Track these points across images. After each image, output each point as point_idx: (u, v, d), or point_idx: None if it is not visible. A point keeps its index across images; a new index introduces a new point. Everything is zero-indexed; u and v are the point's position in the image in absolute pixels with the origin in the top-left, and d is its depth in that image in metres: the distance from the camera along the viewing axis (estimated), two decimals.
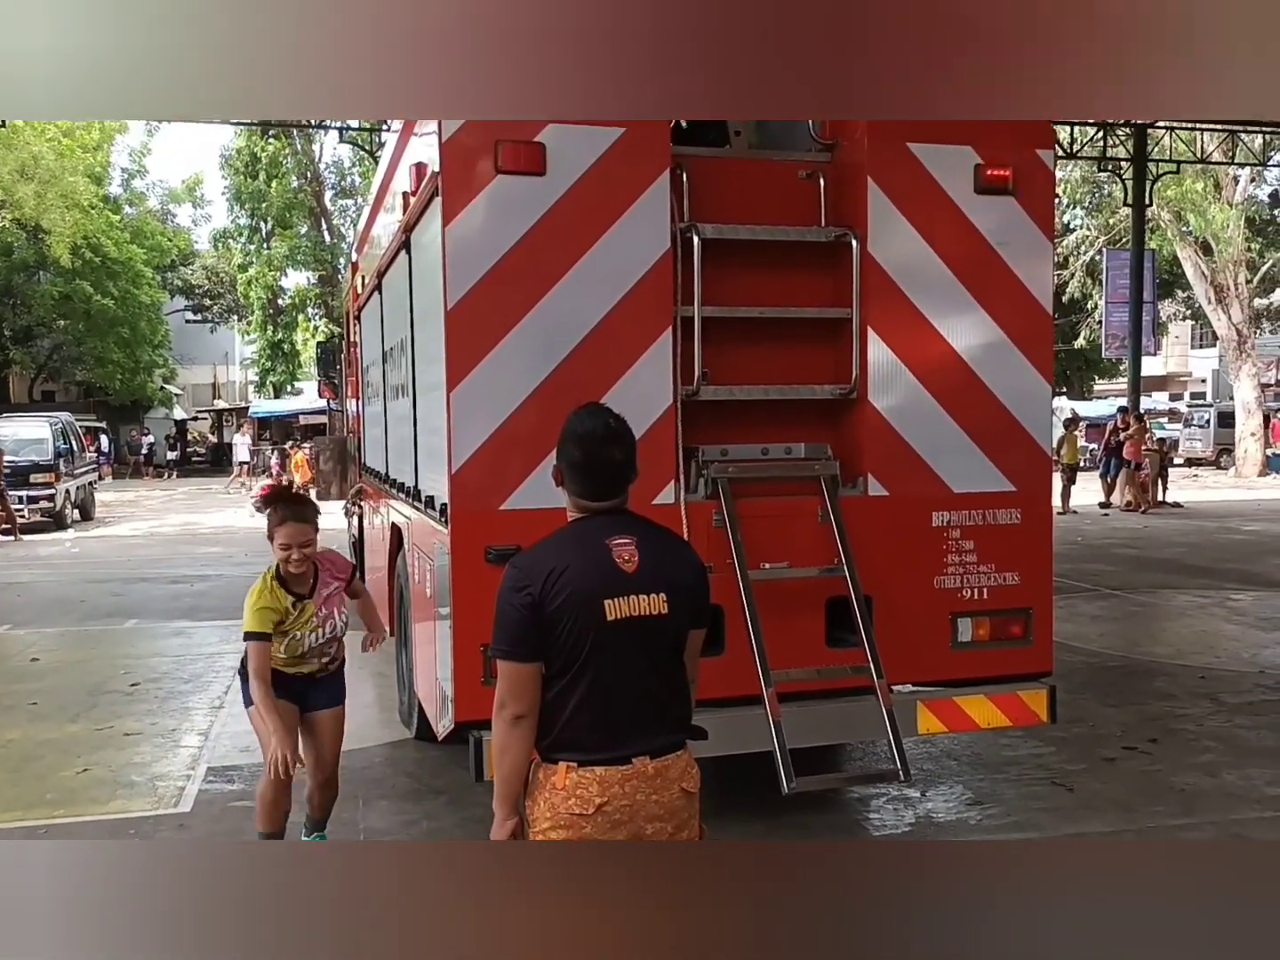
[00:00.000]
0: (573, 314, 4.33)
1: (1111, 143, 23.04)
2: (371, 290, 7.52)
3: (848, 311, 4.71)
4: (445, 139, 4.19)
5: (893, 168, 4.69)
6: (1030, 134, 4.88)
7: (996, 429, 4.86)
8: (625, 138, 4.37)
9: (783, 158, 4.99)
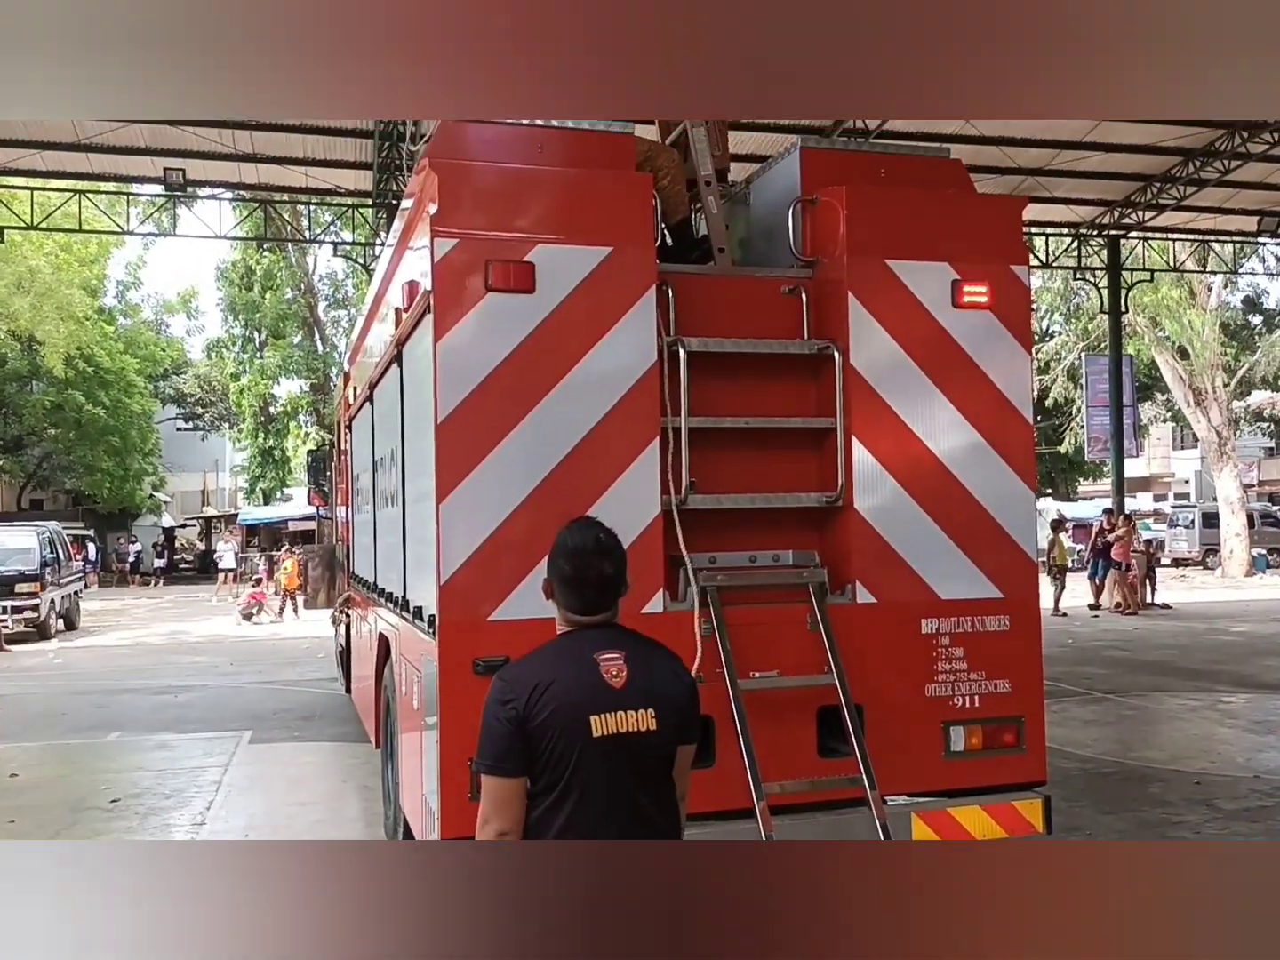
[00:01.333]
0: (561, 426, 4.40)
1: (1086, 252, 23.67)
2: (363, 400, 7.61)
3: (831, 421, 4.80)
4: (437, 259, 4.30)
5: (872, 283, 4.82)
6: (1005, 251, 5.05)
7: (981, 535, 4.91)
8: (612, 256, 4.50)
9: (765, 274, 5.13)
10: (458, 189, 4.41)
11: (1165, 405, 40.52)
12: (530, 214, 4.48)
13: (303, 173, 18.54)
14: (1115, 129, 18.47)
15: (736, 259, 5.51)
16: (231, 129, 16.83)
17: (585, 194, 4.58)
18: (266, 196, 21.04)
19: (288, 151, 17.96)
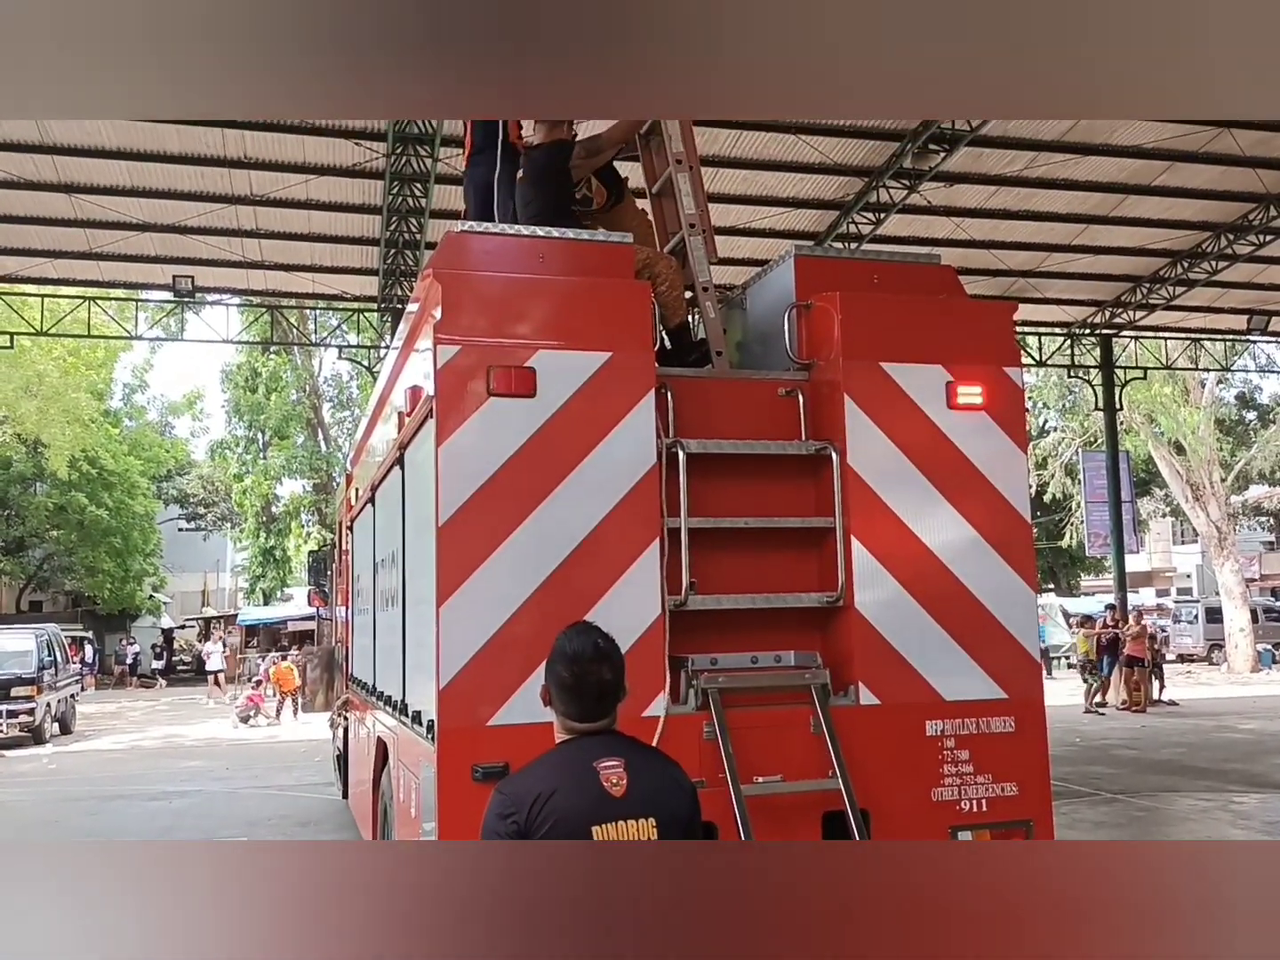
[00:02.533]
0: (561, 528, 4.42)
1: (1079, 351, 24.00)
2: (365, 502, 7.66)
3: (831, 520, 4.83)
4: (440, 365, 4.39)
5: (868, 385, 4.90)
6: (998, 353, 5.14)
7: (983, 634, 4.90)
8: (612, 361, 4.58)
9: (762, 377, 5.22)
10: (460, 297, 4.51)
11: (1164, 500, 40.64)
12: (532, 321, 4.58)
13: (310, 279, 18.92)
14: (1103, 232, 18.90)
15: (734, 362, 5.62)
16: (241, 237, 17.23)
17: (585, 301, 4.69)
18: (274, 302, 21.45)
19: (295, 258, 18.36)
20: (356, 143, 14.88)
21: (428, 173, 15.06)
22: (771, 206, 17.27)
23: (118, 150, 15.07)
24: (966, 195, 17.56)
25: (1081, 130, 15.92)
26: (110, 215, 16.31)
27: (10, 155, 14.91)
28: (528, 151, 6.25)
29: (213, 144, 14.94)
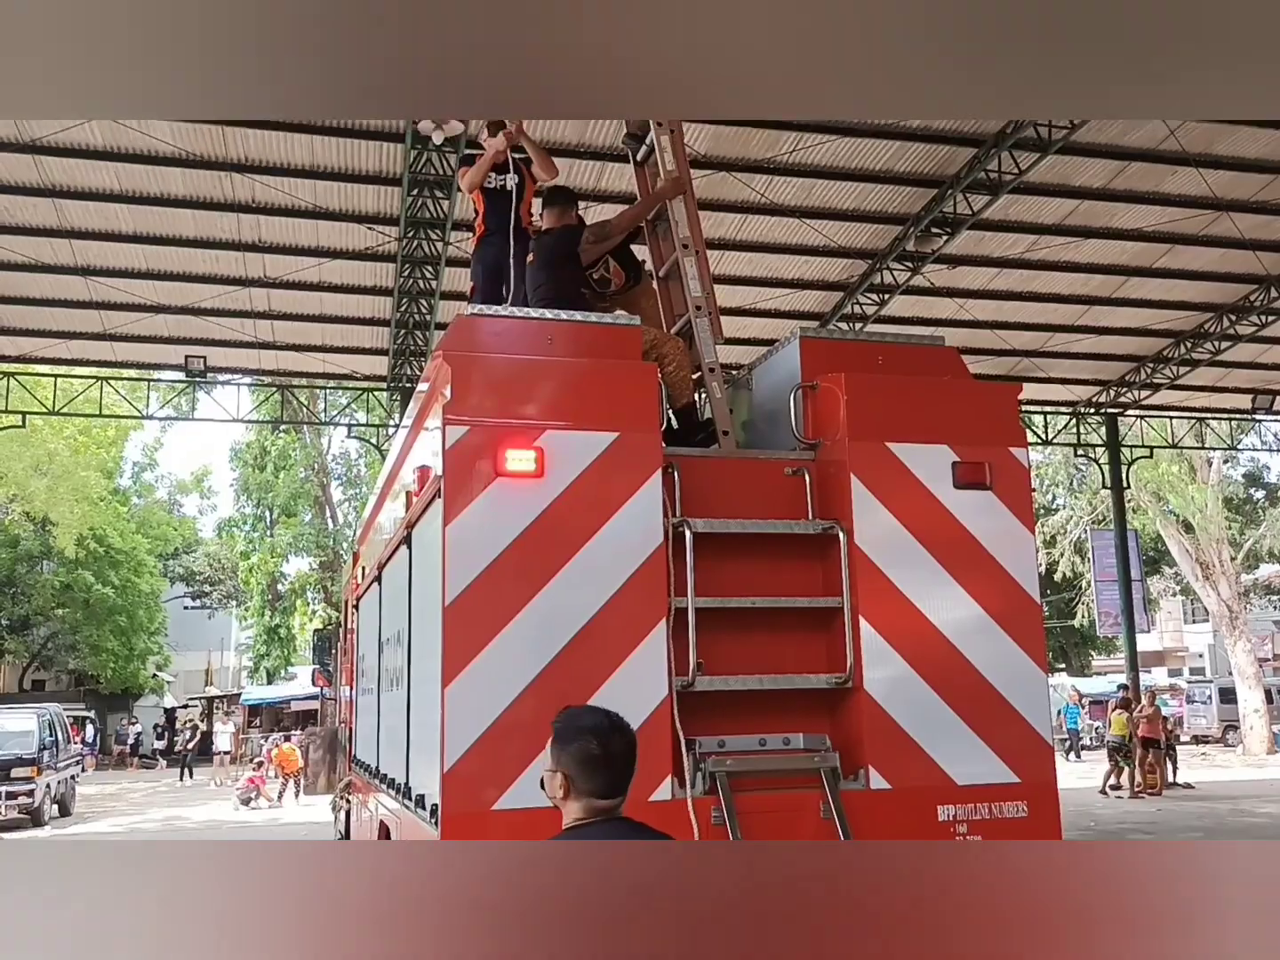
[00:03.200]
0: (568, 608, 4.41)
1: (1085, 429, 24.08)
2: (371, 581, 7.64)
3: (839, 600, 4.80)
4: (449, 445, 4.41)
5: (874, 465, 4.92)
6: (1003, 434, 5.16)
7: (994, 716, 4.83)
8: (619, 441, 4.61)
9: (769, 456, 5.24)
10: (469, 378, 4.56)
11: (1174, 579, 40.37)
12: (540, 402, 4.62)
13: (320, 359, 19.14)
14: (1106, 313, 19.10)
15: (741, 442, 5.65)
16: (254, 318, 17.48)
17: (593, 382, 4.74)
18: (285, 381, 21.67)
19: (306, 339, 18.60)
20: (369, 227, 15.17)
21: (439, 256, 15.32)
22: (777, 288, 17.50)
23: (134, 234, 15.37)
24: (969, 277, 17.79)
25: (1082, 214, 16.19)
26: (125, 297, 16.58)
27: (30, 239, 15.23)
28: (538, 236, 6.39)
29: (228, 228, 15.24)
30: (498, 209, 6.80)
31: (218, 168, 13.93)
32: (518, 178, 6.93)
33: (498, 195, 6.87)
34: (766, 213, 15.54)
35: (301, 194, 14.46)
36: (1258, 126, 14.34)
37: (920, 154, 14.79)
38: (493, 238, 6.77)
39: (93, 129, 13.09)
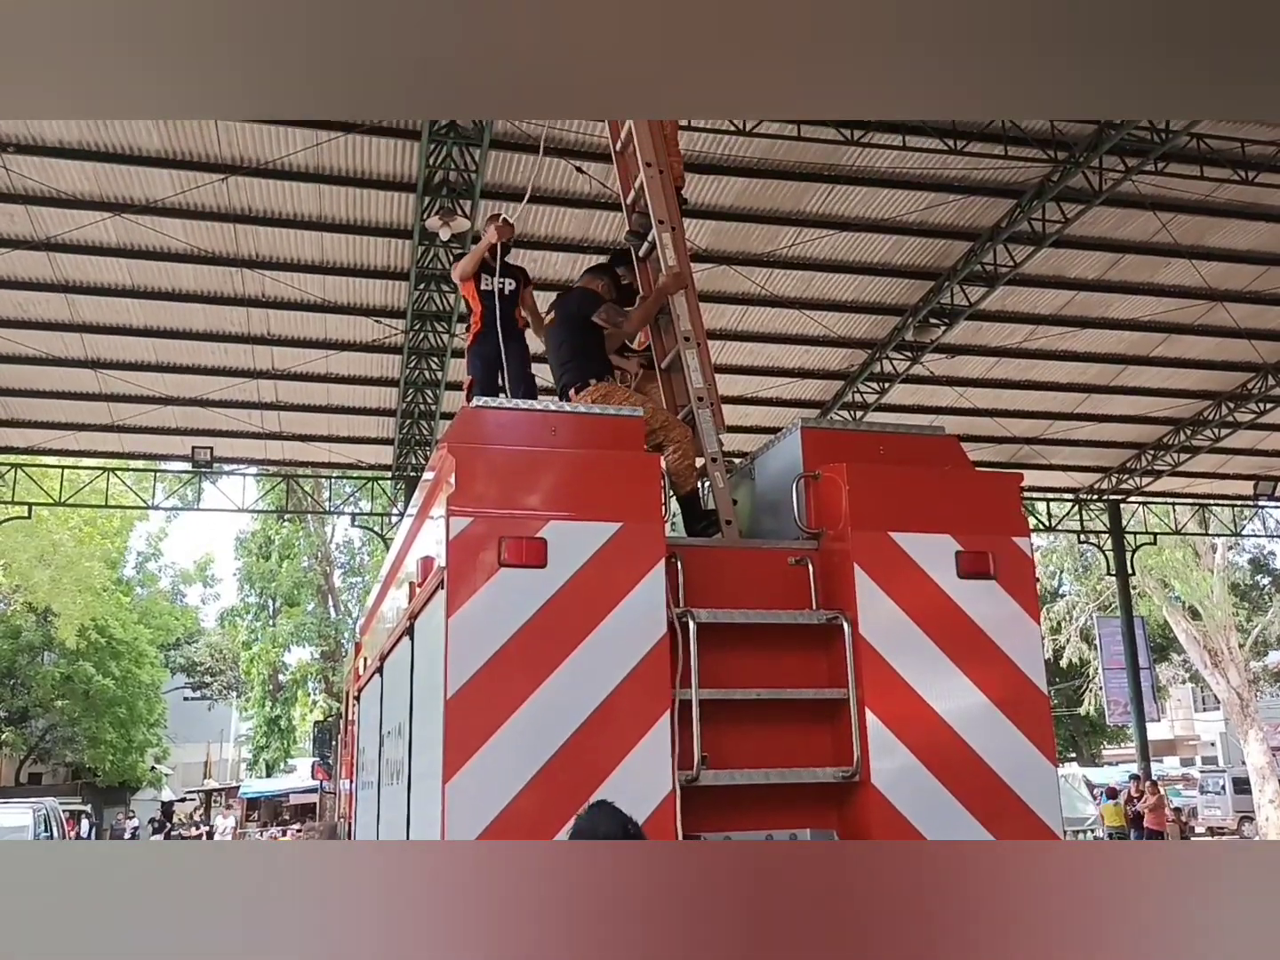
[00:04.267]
0: (571, 702, 4.37)
1: (1088, 516, 24.09)
2: (373, 672, 7.59)
3: (844, 692, 4.76)
4: (452, 536, 4.43)
5: (877, 555, 4.92)
6: (1006, 523, 5.17)
7: (1004, 811, 4.75)
8: (622, 531, 4.62)
9: (772, 546, 5.25)
10: (474, 470, 4.60)
11: (1183, 666, 39.95)
12: (543, 492, 4.65)
13: (326, 449, 19.28)
14: (1105, 401, 19.26)
15: (744, 531, 5.66)
16: (260, 409, 17.66)
17: (596, 473, 4.77)
18: (290, 471, 21.79)
19: (312, 429, 18.76)
20: (377, 320, 15.42)
21: (444, 347, 15.54)
22: (778, 377, 17.70)
23: (145, 328, 15.62)
24: (968, 366, 17.98)
25: (1078, 304, 16.43)
26: (134, 390, 16.78)
27: (42, 333, 15.47)
28: (561, 294, 6.56)
29: (238, 322, 15.49)
30: (494, 308, 6.99)
31: (229, 264, 14.22)
32: (514, 284, 7.11)
33: (494, 296, 7.05)
34: (767, 304, 15.79)
35: (311, 288, 14.72)
36: (1248, 219, 14.64)
37: (917, 247, 15.08)
38: (488, 335, 6.95)
39: (107, 227, 13.40)
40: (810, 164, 13.33)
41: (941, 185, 13.73)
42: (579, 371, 5.96)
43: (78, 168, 12.57)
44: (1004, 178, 13.55)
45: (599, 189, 12.79)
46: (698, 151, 12.55)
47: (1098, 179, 13.23)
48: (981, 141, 12.71)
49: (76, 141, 12.23)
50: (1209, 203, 14.21)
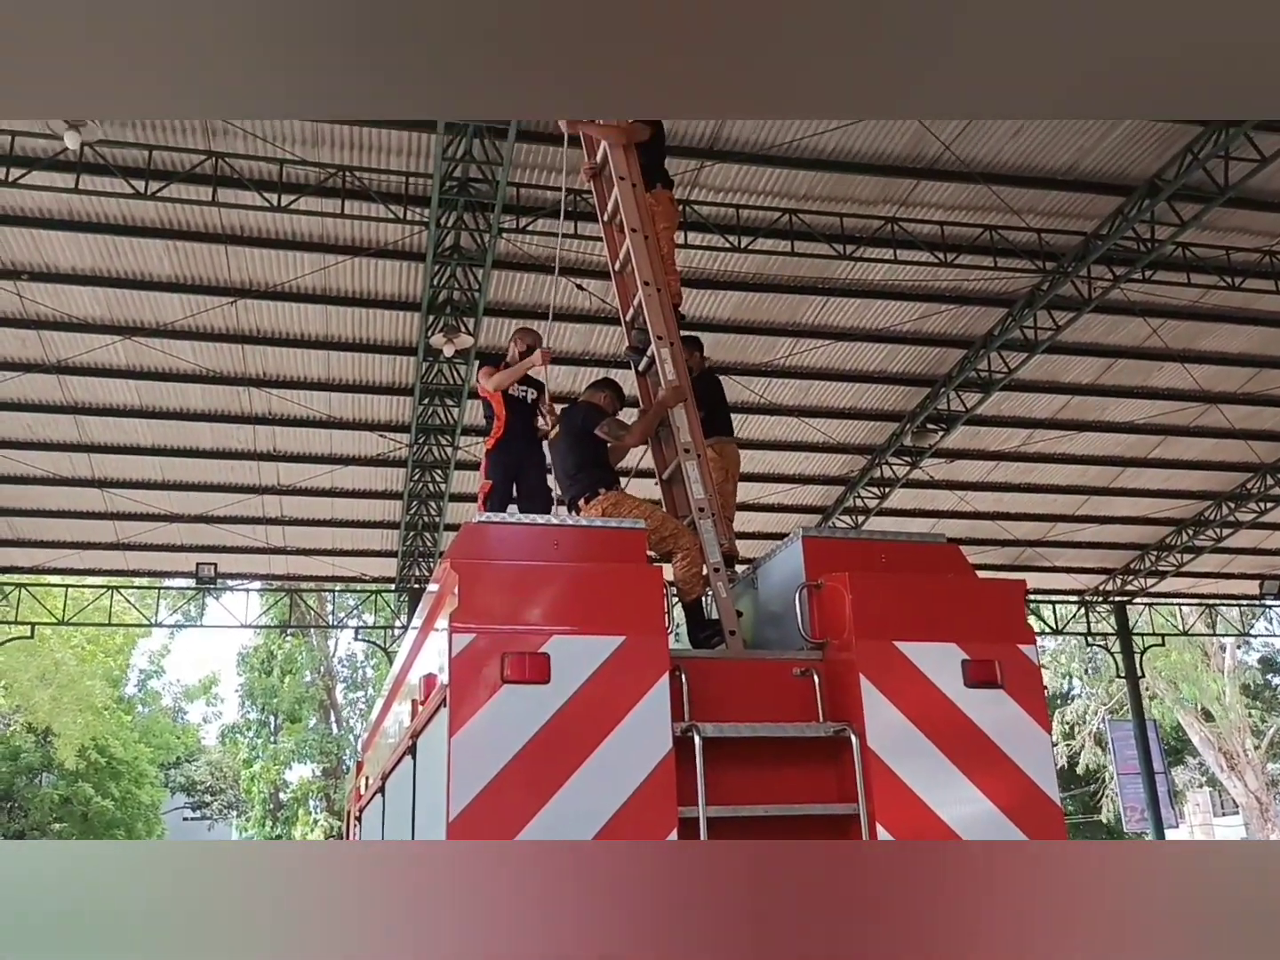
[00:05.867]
0: (575, 820, 4.30)
1: (1095, 618, 23.93)
2: (375, 791, 7.48)
3: (854, 807, 4.68)
4: (455, 654, 4.43)
5: (883, 665, 4.90)
6: (1011, 631, 5.15)
7: None
8: (626, 645, 4.61)
9: (776, 657, 5.23)
10: (476, 586, 4.61)
11: (1199, 769, 39.15)
12: (546, 607, 4.66)
13: (330, 562, 19.30)
14: (1105, 503, 19.33)
15: (748, 641, 5.65)
16: (265, 524, 17.74)
17: (599, 586, 4.79)
18: (294, 586, 21.77)
19: (317, 543, 18.81)
20: (382, 434, 15.60)
21: (448, 460, 15.69)
22: (779, 483, 17.81)
23: (152, 447, 15.81)
24: (968, 470, 18.11)
25: (1074, 408, 16.63)
26: (139, 508, 16.89)
27: (50, 454, 15.65)
28: (567, 408, 6.66)
29: (244, 439, 15.68)
30: (520, 415, 7.14)
31: (237, 383, 14.47)
32: (535, 393, 7.28)
33: (520, 403, 7.20)
34: (765, 412, 15.99)
35: (317, 405, 14.94)
36: (1237, 323, 14.91)
37: (912, 355, 15.35)
38: (513, 442, 7.09)
39: (117, 349, 13.67)
40: (804, 278, 13.65)
41: (933, 296, 14.03)
42: (587, 482, 6.04)
43: (90, 293, 12.89)
44: (994, 288, 13.85)
45: (599, 304, 13.06)
46: (694, 267, 12.86)
47: (1087, 287, 13.52)
48: (971, 254, 13.02)
49: (89, 268, 12.56)
50: (1198, 308, 14.49)
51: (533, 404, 7.27)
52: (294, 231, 12.22)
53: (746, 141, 11.49)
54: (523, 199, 11.87)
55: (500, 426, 7.24)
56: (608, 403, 6.53)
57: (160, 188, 10.90)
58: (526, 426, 7.13)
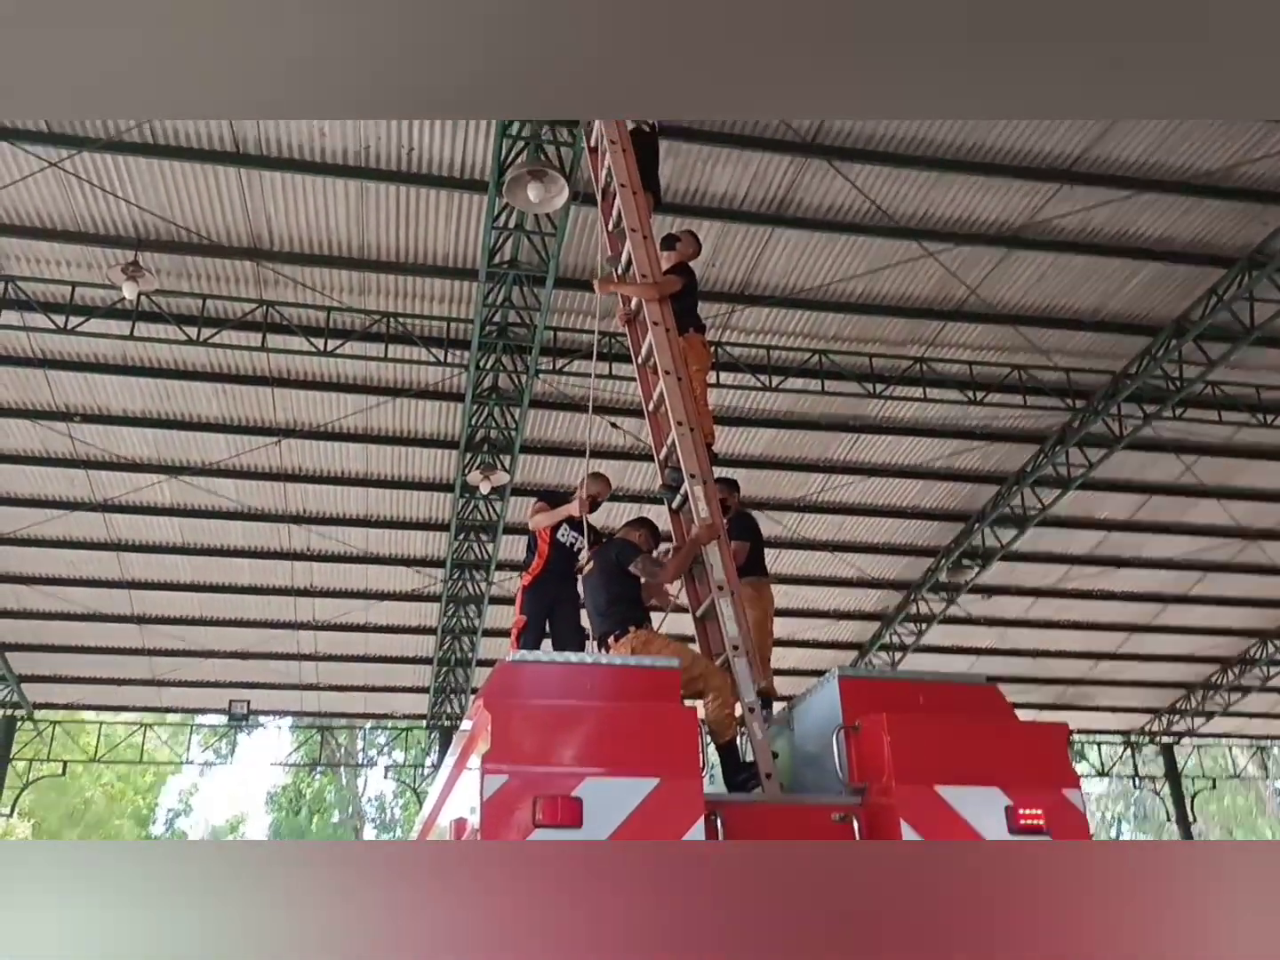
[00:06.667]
0: None
1: (1141, 759, 23.21)
2: None
3: None
4: (486, 796, 4.38)
5: (924, 809, 4.78)
6: (1055, 776, 5.03)
7: None
8: (660, 788, 4.55)
9: (814, 801, 5.13)
10: (509, 727, 4.59)
11: None
12: (579, 748, 4.62)
13: (362, 698, 19.22)
14: (1148, 640, 18.98)
15: (785, 785, 5.55)
16: (299, 660, 17.76)
17: (632, 727, 4.75)
18: (325, 723, 21.64)
19: (349, 679, 18.77)
20: (417, 570, 15.72)
21: (482, 595, 15.74)
22: (814, 619, 17.67)
23: (192, 583, 16.00)
24: (1006, 606, 17.90)
25: (1111, 544, 16.51)
26: (175, 643, 17.00)
27: (92, 590, 15.88)
28: (600, 547, 6.69)
29: (282, 575, 15.85)
30: (561, 557, 7.22)
31: (278, 520, 14.72)
32: (580, 539, 7.34)
33: (564, 549, 7.29)
34: (799, 547, 15.99)
35: (354, 541, 15.14)
36: (1271, 460, 14.88)
37: (945, 491, 15.38)
38: (550, 580, 7.16)
39: (162, 488, 14.00)
40: (835, 415, 13.84)
41: (964, 433, 14.14)
42: (618, 619, 6.04)
43: (139, 434, 13.27)
44: (1025, 425, 13.96)
45: (633, 441, 13.28)
46: (726, 406, 13.09)
47: (1118, 425, 13.59)
48: (1000, 392, 13.16)
49: (140, 410, 12.97)
50: (1231, 445, 14.48)
51: (577, 551, 7.35)
52: (339, 374, 12.61)
53: (776, 286, 11.82)
54: (559, 341, 12.22)
55: (540, 563, 7.32)
56: (643, 540, 6.58)
57: (212, 334, 11.32)
58: (565, 567, 7.21)
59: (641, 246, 7.05)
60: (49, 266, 10.90)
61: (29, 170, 9.58)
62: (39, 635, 17.07)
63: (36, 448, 13.35)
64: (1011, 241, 11.30)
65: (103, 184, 9.97)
